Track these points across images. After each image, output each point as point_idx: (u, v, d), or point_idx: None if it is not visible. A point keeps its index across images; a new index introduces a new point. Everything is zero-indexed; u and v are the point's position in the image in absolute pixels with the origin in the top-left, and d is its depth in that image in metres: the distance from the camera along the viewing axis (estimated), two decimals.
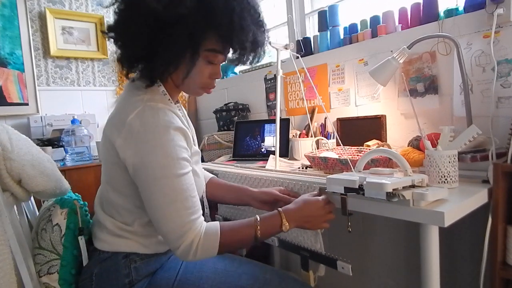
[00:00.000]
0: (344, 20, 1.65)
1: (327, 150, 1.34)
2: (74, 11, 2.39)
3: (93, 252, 0.87)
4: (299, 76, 1.70)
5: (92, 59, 2.48)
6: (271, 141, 1.68)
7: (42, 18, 2.27)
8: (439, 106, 1.26)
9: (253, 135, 1.74)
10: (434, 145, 0.91)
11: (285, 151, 1.57)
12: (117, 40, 0.79)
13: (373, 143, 1.31)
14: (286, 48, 1.31)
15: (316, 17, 1.75)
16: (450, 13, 1.22)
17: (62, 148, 2.03)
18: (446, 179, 0.86)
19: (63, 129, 2.07)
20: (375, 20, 1.48)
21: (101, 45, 2.49)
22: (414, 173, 0.83)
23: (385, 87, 1.26)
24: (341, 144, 1.30)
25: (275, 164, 1.31)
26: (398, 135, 1.39)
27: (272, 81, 1.94)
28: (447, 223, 0.70)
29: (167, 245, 0.89)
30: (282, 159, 1.44)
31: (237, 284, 0.83)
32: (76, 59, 2.41)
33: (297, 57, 1.47)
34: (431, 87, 1.27)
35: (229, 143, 1.85)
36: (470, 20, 1.14)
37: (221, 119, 2.11)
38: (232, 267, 0.88)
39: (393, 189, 0.74)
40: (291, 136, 1.60)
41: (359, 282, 1.55)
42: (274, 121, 1.37)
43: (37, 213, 0.99)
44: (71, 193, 0.97)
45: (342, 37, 1.62)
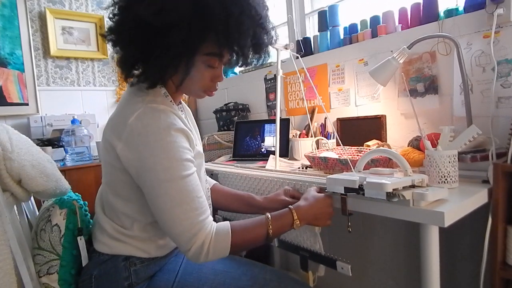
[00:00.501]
0: (344, 20, 1.65)
1: (327, 150, 1.34)
2: (74, 11, 2.39)
3: (92, 254, 0.87)
4: (299, 76, 1.70)
5: (92, 59, 2.48)
6: (271, 141, 1.68)
7: (42, 18, 2.27)
8: (439, 106, 1.26)
9: (253, 135, 1.74)
10: (434, 145, 0.91)
11: (285, 151, 1.57)
12: (114, 44, 0.78)
13: (373, 143, 1.31)
14: (286, 48, 1.31)
15: (316, 17, 1.75)
16: (450, 13, 1.22)
17: (62, 148, 2.03)
18: (446, 179, 0.86)
19: (63, 129, 2.07)
20: (375, 20, 1.48)
21: (101, 45, 2.49)
22: (414, 173, 0.83)
23: (385, 87, 1.26)
24: (341, 144, 1.30)
25: (275, 164, 1.31)
26: (398, 135, 1.39)
27: (272, 81, 1.94)
28: (447, 223, 0.70)
29: (167, 249, 0.89)
30: (282, 159, 1.44)
31: (236, 284, 0.83)
32: (76, 59, 2.41)
33: (297, 57, 1.47)
34: (431, 87, 1.27)
35: (229, 143, 1.85)
36: (470, 20, 1.14)
37: (221, 119, 2.11)
38: (232, 267, 0.88)
39: (393, 189, 0.74)
40: (291, 136, 1.60)
41: (359, 282, 1.55)
42: (274, 121, 1.37)
43: (37, 213, 0.99)
44: (71, 193, 0.97)
45: (342, 37, 1.62)
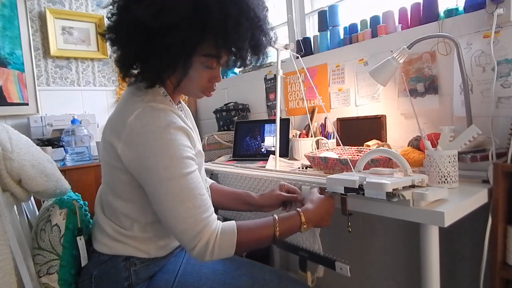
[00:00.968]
0: (344, 20, 1.65)
1: (327, 150, 1.34)
2: (74, 11, 2.39)
3: (92, 254, 0.87)
4: (299, 76, 1.70)
5: (92, 59, 2.48)
6: (271, 141, 1.68)
7: (42, 18, 2.27)
8: (439, 106, 1.26)
9: (253, 135, 1.74)
10: (434, 145, 0.91)
11: (285, 151, 1.57)
12: (112, 44, 0.78)
13: (373, 143, 1.31)
14: (286, 48, 1.31)
15: (316, 17, 1.75)
16: (450, 13, 1.22)
17: (62, 148, 2.03)
18: (446, 179, 0.86)
19: (63, 129, 2.07)
20: (375, 20, 1.48)
21: (101, 45, 2.49)
22: (414, 173, 0.83)
23: (385, 87, 1.26)
24: (341, 144, 1.30)
25: (275, 164, 1.31)
26: (398, 135, 1.39)
27: (272, 81, 1.94)
28: (447, 223, 0.70)
29: (167, 249, 0.89)
30: (282, 159, 1.44)
31: (236, 284, 0.83)
32: (76, 59, 2.41)
33: (297, 57, 1.47)
34: (431, 87, 1.27)
35: (229, 143, 1.85)
36: (470, 20, 1.14)
37: (221, 119, 2.11)
38: (231, 267, 0.88)
39: (393, 189, 0.74)
40: (291, 136, 1.60)
41: (359, 282, 1.55)
42: (274, 121, 1.37)
43: (37, 213, 0.99)
44: (71, 193, 0.97)
45: (342, 37, 1.62)
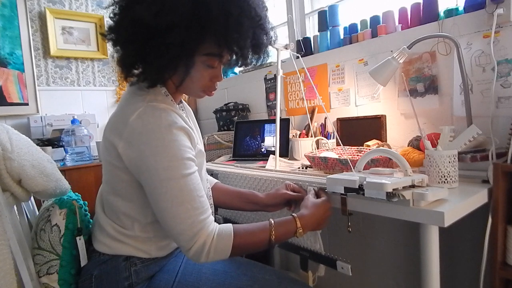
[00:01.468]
0: (344, 20, 1.65)
1: (327, 150, 1.34)
2: (74, 11, 2.39)
3: (92, 254, 0.87)
4: (299, 76, 1.70)
5: (92, 59, 2.48)
6: (271, 141, 1.68)
7: (42, 18, 2.27)
8: (439, 106, 1.26)
9: (253, 135, 1.74)
10: (434, 145, 0.91)
11: (285, 151, 1.57)
12: (114, 44, 0.79)
13: (373, 143, 1.31)
14: (286, 48, 1.31)
15: (316, 17, 1.75)
16: (450, 13, 1.22)
17: (62, 148, 2.04)
18: (446, 179, 0.86)
19: (63, 129, 2.07)
20: (375, 20, 1.48)
21: (101, 45, 2.49)
22: (414, 173, 0.83)
23: (385, 87, 1.26)
24: (341, 144, 1.30)
25: (275, 164, 1.31)
26: (398, 135, 1.39)
27: (272, 81, 1.94)
28: (447, 223, 0.70)
29: (167, 249, 0.89)
30: (282, 159, 1.44)
31: (236, 285, 0.83)
32: (76, 59, 2.41)
33: (297, 57, 1.47)
34: (431, 87, 1.27)
35: (229, 143, 1.85)
36: (470, 20, 1.14)
37: (221, 119, 2.11)
38: (231, 268, 0.88)
39: (393, 189, 0.74)
40: (291, 136, 1.60)
41: (359, 282, 1.54)
42: (274, 121, 1.37)
43: (37, 213, 0.99)
44: (71, 193, 0.97)
45: (342, 37, 1.62)
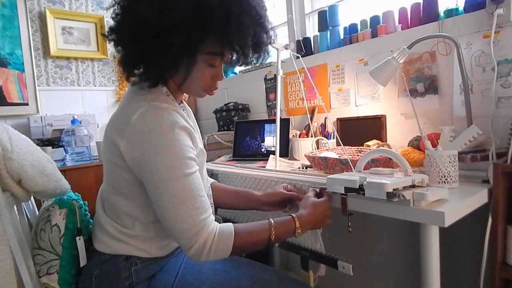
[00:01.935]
0: (344, 20, 1.65)
1: (327, 150, 1.34)
2: (74, 11, 2.39)
3: (93, 253, 0.87)
4: (299, 76, 1.70)
5: (92, 59, 2.48)
6: (271, 141, 1.68)
7: (42, 18, 2.27)
8: (439, 106, 1.26)
9: (253, 135, 1.74)
10: (434, 145, 0.91)
11: (285, 151, 1.57)
12: (116, 44, 0.79)
13: (373, 143, 1.31)
14: (286, 48, 1.31)
15: (316, 17, 1.75)
16: (450, 13, 1.22)
17: (62, 148, 2.04)
18: (446, 179, 0.86)
19: (63, 129, 2.07)
20: (375, 20, 1.48)
21: (101, 45, 2.49)
22: (414, 173, 0.83)
23: (385, 87, 1.26)
24: (341, 144, 1.30)
25: (275, 164, 1.31)
26: (398, 135, 1.39)
27: (272, 81, 1.94)
28: (447, 223, 0.70)
29: (168, 249, 0.89)
30: (282, 159, 1.44)
31: (236, 285, 0.83)
32: (76, 59, 2.41)
33: (297, 57, 1.47)
34: (431, 87, 1.27)
35: (229, 143, 1.85)
36: (470, 20, 1.14)
37: (221, 119, 2.11)
38: (232, 267, 0.88)
39: (394, 189, 0.74)
40: (291, 136, 1.60)
41: (359, 282, 1.54)
42: (274, 121, 1.37)
43: (37, 213, 0.99)
44: (71, 193, 0.97)
45: (342, 37, 1.62)
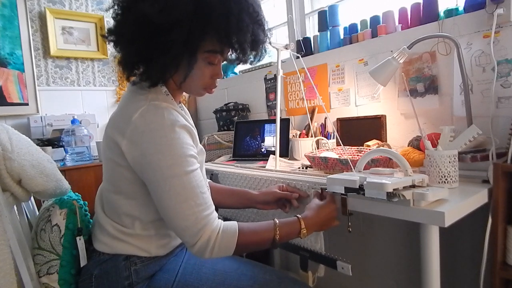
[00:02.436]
0: (344, 20, 1.65)
1: (327, 150, 1.34)
2: (74, 11, 2.39)
3: (92, 253, 0.87)
4: (299, 76, 1.70)
5: (92, 59, 2.48)
6: (271, 141, 1.68)
7: (42, 18, 2.27)
8: (439, 106, 1.26)
9: (253, 135, 1.74)
10: (434, 145, 0.91)
11: (285, 151, 1.57)
12: (116, 44, 0.79)
13: (373, 143, 1.31)
14: (286, 48, 1.31)
15: (316, 17, 1.75)
16: (450, 13, 1.22)
17: (62, 148, 2.03)
18: (446, 179, 0.86)
19: (63, 129, 2.07)
20: (375, 20, 1.48)
21: (101, 45, 2.49)
22: (414, 173, 0.83)
23: (385, 87, 1.26)
24: (341, 144, 1.30)
25: (275, 164, 1.31)
26: (398, 135, 1.39)
27: (272, 81, 1.94)
28: (448, 223, 0.70)
29: (168, 248, 0.89)
30: (282, 159, 1.44)
31: (236, 284, 0.83)
32: (76, 59, 2.41)
33: (297, 57, 1.47)
34: (431, 87, 1.27)
35: (229, 143, 1.85)
36: (470, 20, 1.14)
37: (221, 119, 2.11)
38: (232, 267, 0.88)
39: (394, 189, 0.74)
40: (291, 136, 1.60)
41: (359, 282, 1.54)
42: (274, 121, 1.37)
43: (37, 213, 0.99)
44: (71, 193, 0.97)
45: (342, 37, 1.62)
